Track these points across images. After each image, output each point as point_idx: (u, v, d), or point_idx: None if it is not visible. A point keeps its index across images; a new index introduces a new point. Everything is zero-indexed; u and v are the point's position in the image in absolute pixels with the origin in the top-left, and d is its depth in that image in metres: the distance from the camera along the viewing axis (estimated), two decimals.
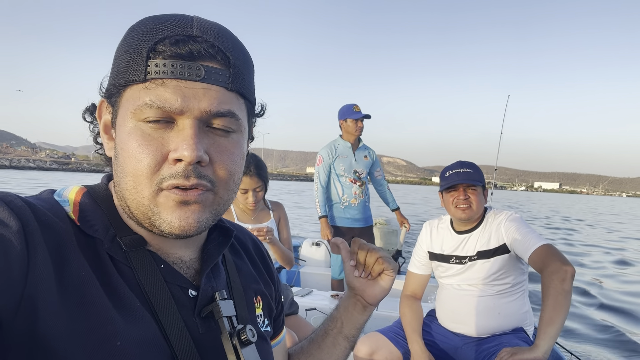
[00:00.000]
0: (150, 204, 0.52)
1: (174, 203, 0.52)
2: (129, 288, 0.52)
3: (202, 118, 0.52)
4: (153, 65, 0.50)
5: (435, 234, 2.10)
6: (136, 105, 0.51)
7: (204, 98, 0.51)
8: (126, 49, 0.53)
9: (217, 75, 0.52)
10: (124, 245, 0.54)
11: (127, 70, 0.52)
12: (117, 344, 0.48)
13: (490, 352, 1.77)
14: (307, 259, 4.18)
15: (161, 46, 0.51)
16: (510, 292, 1.92)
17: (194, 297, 0.58)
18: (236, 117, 0.55)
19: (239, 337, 0.56)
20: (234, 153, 0.56)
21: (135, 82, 0.51)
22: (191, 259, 0.62)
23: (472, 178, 1.94)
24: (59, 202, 0.55)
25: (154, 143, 0.51)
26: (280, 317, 0.82)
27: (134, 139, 0.51)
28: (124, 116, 0.53)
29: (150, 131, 0.51)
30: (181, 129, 0.52)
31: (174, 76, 0.50)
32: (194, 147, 0.50)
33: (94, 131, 0.63)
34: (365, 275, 0.78)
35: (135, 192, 0.52)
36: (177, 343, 0.53)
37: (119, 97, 0.54)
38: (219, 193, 0.55)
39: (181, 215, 0.53)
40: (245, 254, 0.76)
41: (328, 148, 3.57)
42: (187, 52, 0.51)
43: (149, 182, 0.51)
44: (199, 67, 0.51)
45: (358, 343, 1.98)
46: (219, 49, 0.53)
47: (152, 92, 0.50)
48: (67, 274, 0.48)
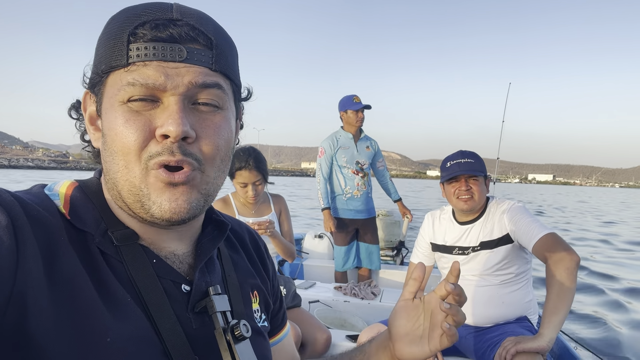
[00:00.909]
0: (140, 183, 0.52)
1: (162, 184, 0.52)
2: (120, 283, 0.51)
3: (188, 93, 0.52)
4: (134, 49, 0.50)
5: (438, 225, 2.09)
6: (119, 86, 0.51)
7: (187, 74, 0.51)
8: (107, 37, 0.52)
9: (200, 55, 0.52)
10: (115, 240, 0.54)
11: (109, 57, 0.51)
12: (107, 340, 0.47)
13: (494, 342, 1.76)
14: (310, 252, 4.17)
15: (142, 30, 0.50)
16: (514, 282, 1.91)
17: (187, 292, 0.57)
18: (223, 89, 0.55)
19: (233, 332, 0.55)
20: (220, 127, 0.55)
21: (117, 67, 0.51)
22: (184, 253, 0.61)
23: (473, 168, 1.92)
24: (49, 197, 0.54)
25: (140, 119, 0.51)
26: (279, 313, 0.81)
27: (120, 117, 0.51)
28: (109, 101, 0.53)
29: (137, 108, 0.51)
30: (166, 106, 0.51)
31: (155, 58, 0.50)
32: (180, 121, 0.50)
33: (81, 128, 0.62)
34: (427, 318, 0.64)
35: (127, 172, 0.52)
36: (170, 338, 0.52)
37: (102, 85, 0.54)
38: (205, 171, 0.55)
39: (170, 197, 0.52)
40: (242, 248, 0.75)
41: (330, 140, 3.55)
42: (168, 35, 0.51)
43: (138, 160, 0.51)
44: (180, 48, 0.51)
45: (361, 335, 1.97)
46: (200, 31, 0.52)
47: (135, 72, 0.50)
48: (57, 269, 0.47)
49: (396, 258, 4.39)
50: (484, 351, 1.80)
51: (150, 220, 0.54)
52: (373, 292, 2.88)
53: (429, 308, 0.64)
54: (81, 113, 0.61)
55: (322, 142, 3.61)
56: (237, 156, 2.13)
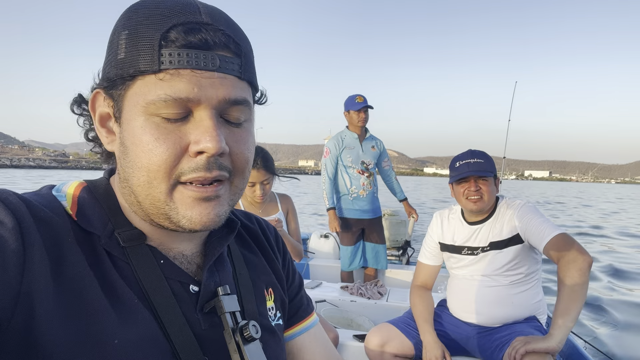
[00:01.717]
0: (166, 198, 0.51)
1: (191, 200, 0.51)
2: (127, 285, 0.51)
3: (219, 107, 0.51)
4: (167, 54, 0.47)
5: (446, 224, 2.07)
6: (149, 99, 0.48)
7: (220, 87, 0.50)
8: (131, 37, 0.49)
9: (231, 64, 0.51)
10: (122, 241, 0.53)
11: (136, 60, 0.48)
12: (114, 342, 0.46)
13: (503, 342, 1.75)
14: (316, 251, 4.17)
15: (173, 34, 0.48)
16: (523, 282, 1.89)
17: (195, 293, 0.57)
18: (249, 105, 0.54)
19: (242, 333, 0.55)
20: (248, 141, 0.55)
21: (147, 72, 0.48)
22: (193, 254, 0.60)
23: (483, 169, 1.89)
24: (56, 198, 0.53)
25: (171, 136, 0.49)
26: (297, 298, 0.77)
27: (148, 132, 0.49)
28: (134, 109, 0.50)
29: (166, 124, 0.49)
30: (199, 120, 0.50)
31: (189, 66, 0.48)
32: (217, 138, 0.49)
33: (85, 125, 0.60)
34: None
35: (149, 187, 0.50)
36: (178, 339, 0.51)
37: (124, 89, 0.50)
38: (234, 182, 0.55)
39: (202, 212, 0.51)
40: (255, 243, 0.74)
41: (335, 140, 3.55)
42: (202, 42, 0.48)
43: (167, 177, 0.50)
44: (214, 57, 0.49)
45: (369, 335, 1.96)
46: (231, 37, 0.51)
47: (167, 84, 0.48)
48: (64, 271, 0.47)
49: (402, 258, 4.38)
50: (493, 351, 1.78)
51: (173, 229, 0.53)
52: (380, 292, 2.87)
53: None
54: (84, 108, 0.59)
55: (328, 142, 3.61)
56: None
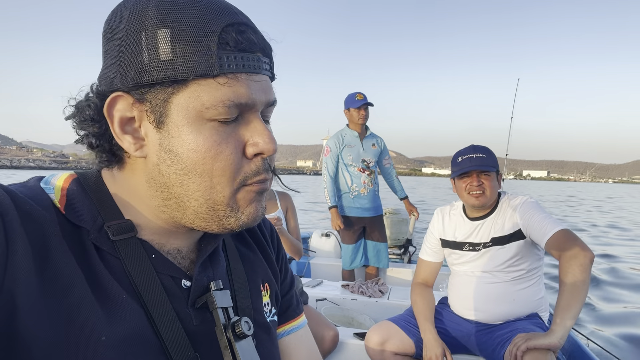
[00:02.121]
0: (230, 200, 0.51)
1: (254, 195, 0.53)
2: (116, 280, 0.50)
3: (262, 110, 0.53)
4: (225, 57, 0.47)
5: (448, 220, 2.06)
6: (211, 103, 0.47)
7: (266, 90, 0.52)
8: (177, 37, 0.46)
9: (266, 64, 0.52)
10: (112, 234, 0.51)
11: (191, 62, 0.46)
12: (101, 339, 0.45)
13: (505, 339, 1.74)
14: (317, 250, 4.16)
15: (229, 35, 0.47)
16: (525, 278, 1.88)
17: (187, 288, 0.55)
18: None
19: (234, 330, 0.54)
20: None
21: (206, 76, 0.47)
22: (188, 249, 0.59)
23: (485, 163, 1.88)
24: (44, 190, 0.52)
25: (231, 139, 0.50)
26: (287, 296, 0.76)
27: (209, 137, 0.48)
28: (188, 113, 0.48)
29: (223, 128, 0.49)
30: (249, 122, 0.51)
31: (245, 70, 0.49)
32: (274, 139, 0.52)
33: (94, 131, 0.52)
34: None
35: (212, 192, 0.50)
36: (168, 335, 0.50)
37: (172, 93, 0.48)
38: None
39: (257, 206, 0.54)
40: (251, 238, 0.72)
41: (335, 138, 3.54)
42: (249, 43, 0.49)
43: (231, 180, 0.51)
44: (258, 59, 0.50)
45: (369, 332, 1.95)
46: (262, 37, 0.52)
47: (229, 89, 0.48)
48: (49, 266, 0.45)
49: (404, 256, 4.37)
50: (494, 348, 1.77)
51: (218, 231, 0.54)
52: (381, 290, 2.86)
53: None
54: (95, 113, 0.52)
55: (328, 140, 3.60)
56: None
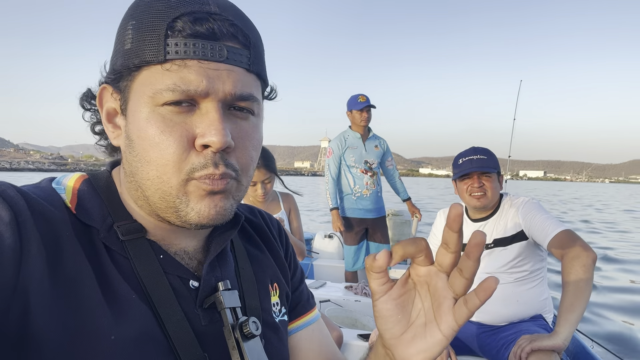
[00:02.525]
0: (178, 192, 0.50)
1: (204, 192, 0.50)
2: (125, 279, 0.50)
3: (226, 100, 0.50)
4: (173, 44, 0.47)
5: None
6: (156, 89, 0.47)
7: (227, 80, 0.49)
8: (138, 27, 0.48)
9: (239, 55, 0.50)
10: (121, 234, 0.52)
11: (142, 50, 0.47)
12: (111, 338, 0.46)
13: (509, 340, 1.73)
14: (320, 252, 4.16)
15: (180, 23, 0.47)
16: (528, 280, 1.87)
17: (195, 289, 0.56)
18: (257, 100, 0.53)
19: (242, 330, 0.54)
20: (254, 137, 0.54)
21: (152, 62, 0.47)
22: (195, 249, 0.59)
23: (486, 165, 1.88)
24: (55, 190, 0.53)
25: (177, 129, 0.48)
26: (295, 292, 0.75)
27: (154, 124, 0.48)
28: (139, 101, 0.49)
29: (172, 116, 0.48)
30: (205, 112, 0.49)
31: (196, 56, 0.47)
32: (223, 132, 0.48)
33: (92, 119, 0.60)
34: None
35: (160, 182, 0.49)
36: (176, 335, 0.50)
37: (131, 81, 0.50)
38: (241, 181, 0.53)
39: (210, 204, 0.51)
40: (260, 237, 0.72)
41: (338, 140, 3.55)
42: (209, 31, 0.48)
43: (177, 171, 0.49)
44: (221, 47, 0.48)
45: (373, 333, 1.96)
46: (239, 28, 0.50)
47: (175, 74, 0.47)
48: (61, 265, 0.46)
49: None
50: (498, 350, 1.77)
51: (178, 224, 0.52)
52: None
53: (424, 284, 0.46)
54: (93, 103, 0.59)
55: (331, 142, 3.62)
56: None
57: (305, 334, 0.74)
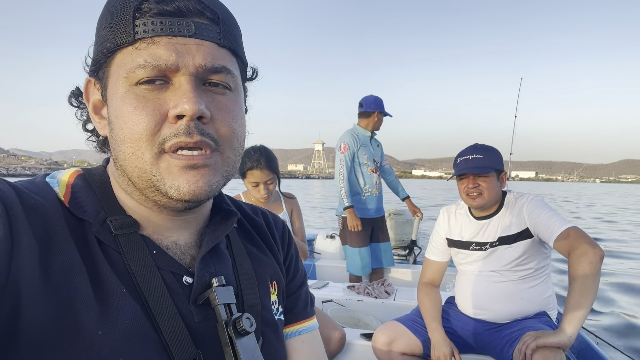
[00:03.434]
0: (152, 168, 0.50)
1: (178, 168, 0.50)
2: (117, 274, 0.50)
3: (198, 74, 0.50)
4: (141, 24, 0.48)
5: (454, 220, 2.05)
6: (129, 67, 0.49)
7: (197, 53, 0.50)
8: (110, 14, 0.50)
9: (208, 30, 0.51)
10: (114, 229, 0.52)
11: (113, 34, 0.50)
12: (98, 333, 0.45)
13: (513, 337, 1.72)
14: (322, 252, 4.16)
15: (147, 5, 0.49)
16: (533, 277, 1.86)
17: (188, 285, 0.55)
18: (231, 73, 0.53)
19: (235, 326, 0.53)
20: (234, 110, 0.54)
21: (124, 44, 0.49)
22: (187, 244, 0.59)
23: (480, 165, 1.87)
24: (49, 184, 0.53)
25: (150, 104, 0.49)
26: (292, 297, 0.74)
27: (128, 102, 0.49)
28: (116, 84, 0.50)
29: (145, 93, 0.49)
30: (177, 86, 0.50)
31: (164, 33, 0.49)
32: (194, 100, 0.48)
33: (82, 118, 0.61)
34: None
35: (135, 158, 0.50)
36: (168, 331, 0.50)
37: (108, 67, 0.52)
38: (225, 153, 0.53)
39: (189, 179, 0.50)
40: (260, 236, 0.72)
41: (351, 136, 3.36)
42: (175, 9, 0.49)
43: (150, 145, 0.49)
44: (188, 23, 0.49)
45: (376, 333, 1.95)
46: (206, 5, 0.51)
47: (144, 51, 0.48)
48: (53, 259, 0.46)
49: (409, 257, 4.35)
50: (502, 347, 1.76)
51: (166, 203, 0.52)
52: (387, 291, 2.85)
53: None
54: (82, 101, 0.60)
55: (343, 137, 3.39)
56: (248, 155, 2.12)
57: (295, 344, 0.71)
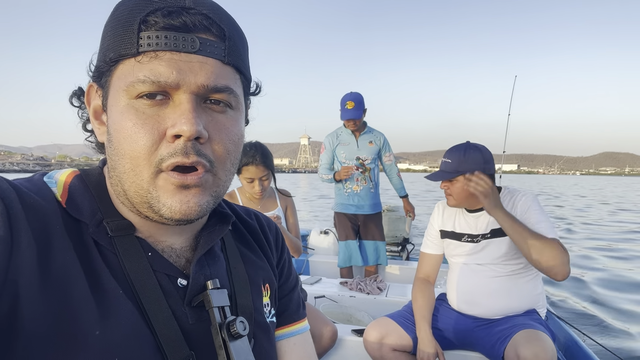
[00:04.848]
0: (149, 186, 0.50)
1: (173, 187, 0.50)
2: (113, 275, 0.50)
3: (199, 93, 0.50)
4: (145, 37, 0.48)
5: (447, 212, 2.09)
6: (129, 81, 0.49)
7: (200, 72, 0.50)
8: (115, 24, 0.50)
9: (213, 47, 0.50)
10: (110, 230, 0.52)
11: (117, 45, 0.49)
12: (95, 334, 0.46)
13: (505, 335, 1.74)
14: (316, 248, 4.17)
15: (153, 17, 0.48)
16: (523, 273, 1.89)
17: (183, 287, 0.56)
18: (234, 93, 0.53)
19: (229, 329, 0.53)
20: (232, 131, 0.54)
21: (127, 56, 0.49)
22: (183, 247, 0.59)
23: (446, 170, 1.94)
24: (47, 184, 0.53)
25: (149, 121, 0.49)
26: (284, 300, 0.75)
27: (128, 118, 0.49)
28: (116, 95, 0.50)
29: (145, 109, 0.49)
30: (177, 104, 0.49)
31: (167, 48, 0.48)
32: (193, 121, 0.48)
33: (83, 117, 0.61)
34: None
35: (134, 175, 0.50)
36: (163, 332, 0.50)
37: (109, 76, 0.52)
38: (217, 174, 0.53)
39: (182, 199, 0.51)
40: (254, 238, 0.73)
41: (330, 136, 3.59)
42: (181, 24, 0.49)
43: (148, 163, 0.49)
44: (193, 39, 0.49)
45: (367, 328, 1.97)
46: (213, 20, 0.51)
47: (146, 66, 0.48)
48: (51, 258, 0.46)
49: (402, 253, 4.38)
50: (494, 344, 1.78)
51: (156, 219, 0.53)
52: (379, 287, 2.87)
53: None
54: (83, 102, 0.60)
55: (325, 138, 3.65)
56: (243, 151, 2.12)
57: (286, 346, 0.73)
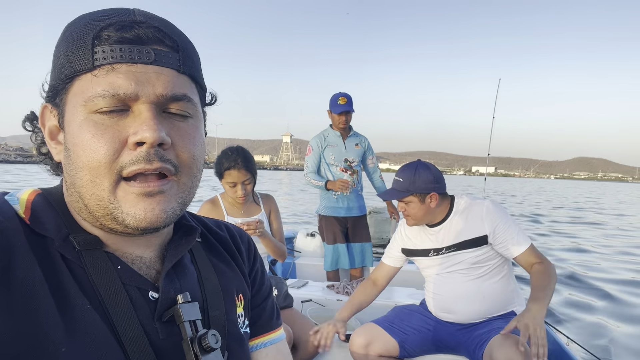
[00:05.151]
0: (110, 196, 0.50)
1: (134, 196, 0.50)
2: (81, 290, 0.50)
3: (158, 103, 0.50)
4: (100, 51, 0.48)
5: (409, 230, 2.09)
6: (87, 96, 0.48)
7: (157, 82, 0.50)
8: (68, 41, 0.50)
9: (168, 57, 0.51)
10: (77, 244, 0.52)
11: (72, 61, 0.49)
12: (62, 350, 0.45)
13: (483, 339, 1.76)
14: (302, 250, 4.16)
15: (106, 32, 0.49)
16: (493, 274, 1.91)
17: (154, 300, 0.55)
18: (192, 101, 0.54)
19: (200, 343, 0.53)
20: (195, 137, 0.54)
21: (82, 71, 0.49)
22: (151, 258, 0.59)
23: (398, 189, 1.93)
24: (7, 202, 0.53)
25: (109, 130, 0.49)
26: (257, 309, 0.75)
27: (87, 130, 0.49)
28: (74, 111, 0.50)
29: (104, 120, 0.49)
30: (137, 114, 0.50)
31: (124, 60, 0.48)
32: (155, 127, 0.48)
33: (37, 142, 0.60)
34: None
35: (93, 186, 0.50)
36: (133, 349, 0.50)
37: (65, 94, 0.51)
38: (181, 179, 0.53)
39: (146, 207, 0.50)
40: (225, 250, 0.72)
41: (318, 138, 3.56)
42: (135, 36, 0.49)
43: (108, 172, 0.49)
44: (148, 50, 0.50)
45: (353, 335, 1.96)
46: (165, 33, 0.52)
47: (104, 80, 0.48)
48: (13, 275, 0.45)
49: None
50: (474, 348, 1.79)
51: (122, 230, 0.52)
52: None
53: None
54: (36, 125, 0.59)
55: (311, 140, 3.61)
56: (225, 156, 2.10)
57: (259, 357, 0.73)
